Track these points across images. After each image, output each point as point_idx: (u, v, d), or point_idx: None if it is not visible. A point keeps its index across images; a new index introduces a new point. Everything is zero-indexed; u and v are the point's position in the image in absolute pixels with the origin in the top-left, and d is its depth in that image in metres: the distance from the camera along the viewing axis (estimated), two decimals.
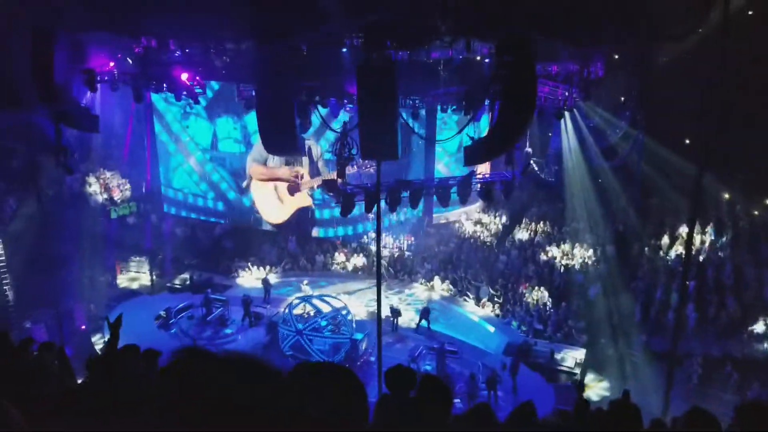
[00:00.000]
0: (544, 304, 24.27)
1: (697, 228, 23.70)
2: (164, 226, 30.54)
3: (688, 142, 32.84)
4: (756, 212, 26.19)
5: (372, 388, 16.40)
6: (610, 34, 16.80)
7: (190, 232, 30.96)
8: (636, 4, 15.98)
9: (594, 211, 29.33)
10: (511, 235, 29.72)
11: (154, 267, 28.21)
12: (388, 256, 27.99)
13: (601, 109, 23.56)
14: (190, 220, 30.78)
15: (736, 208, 26.88)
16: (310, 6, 14.43)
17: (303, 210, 28.34)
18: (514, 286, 25.76)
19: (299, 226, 28.86)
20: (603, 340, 22.57)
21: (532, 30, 14.37)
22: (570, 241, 27.93)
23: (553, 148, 26.44)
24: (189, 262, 29.26)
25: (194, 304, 24.07)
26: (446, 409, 3.79)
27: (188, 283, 27.48)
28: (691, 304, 21.87)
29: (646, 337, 21.86)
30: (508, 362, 20.03)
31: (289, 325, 21.20)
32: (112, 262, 27.63)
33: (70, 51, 17.70)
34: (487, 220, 30.91)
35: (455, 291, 26.53)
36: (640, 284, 24.54)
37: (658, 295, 23.36)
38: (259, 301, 24.76)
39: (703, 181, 15.23)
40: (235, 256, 29.27)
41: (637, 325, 22.70)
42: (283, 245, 30.28)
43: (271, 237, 30.31)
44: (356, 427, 2.02)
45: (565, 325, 23.19)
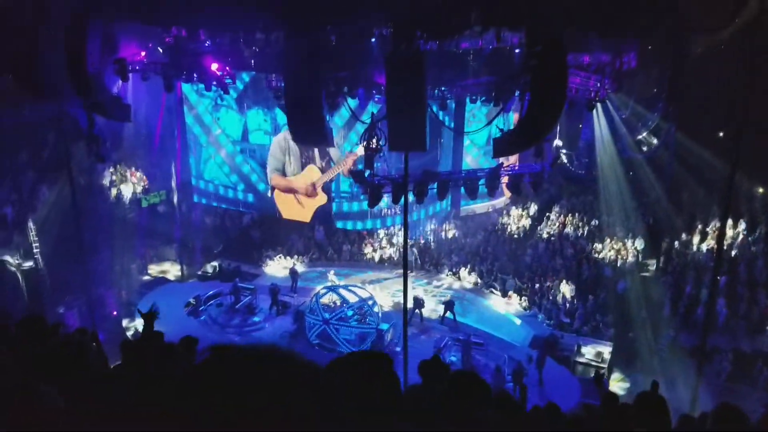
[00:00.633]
0: (571, 298, 24.10)
1: (729, 223, 23.30)
2: (194, 215, 30.94)
3: (721, 135, 32.27)
4: None
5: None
6: (642, 25, 16.53)
7: (219, 222, 31.35)
8: None
9: (624, 205, 28.99)
10: (539, 228, 29.53)
11: (184, 255, 28.60)
12: (415, 248, 28.01)
13: (633, 101, 23.19)
14: (220, 210, 31.13)
15: None
16: None
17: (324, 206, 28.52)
18: (541, 279, 25.62)
19: (324, 218, 29.03)
20: (631, 335, 22.35)
21: (564, 20, 14.21)
22: (599, 234, 27.67)
23: (584, 140, 26.14)
24: (218, 251, 29.65)
25: (223, 292, 24.37)
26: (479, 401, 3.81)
27: (217, 271, 27.84)
28: (722, 299, 21.52)
29: (675, 332, 21.58)
30: (534, 355, 19.95)
31: (315, 315, 21.36)
32: (142, 250, 28.10)
33: (103, 41, 17.94)
34: (515, 212, 30.75)
35: (482, 283, 26.46)
36: (670, 279, 24.22)
37: (688, 290, 23.03)
38: (287, 290, 24.98)
39: (735, 176, 14.98)
40: (263, 246, 29.56)
41: (666, 319, 22.43)
42: (310, 235, 30.48)
43: (299, 227, 30.51)
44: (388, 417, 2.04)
45: (592, 318, 23.01)
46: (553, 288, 24.86)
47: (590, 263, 26.04)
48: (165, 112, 29.24)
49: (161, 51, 20.76)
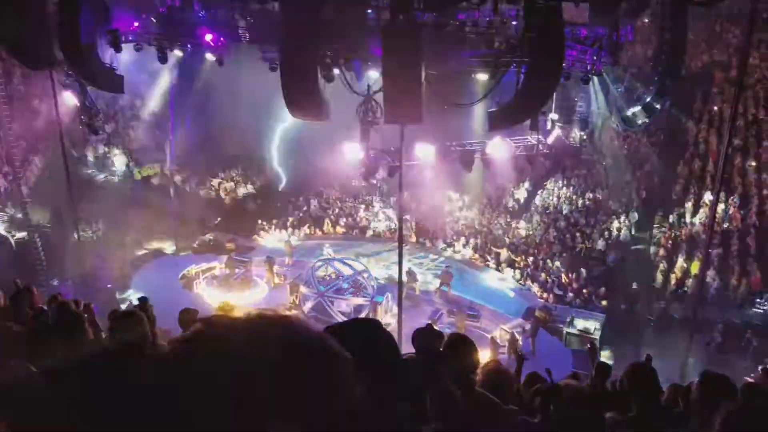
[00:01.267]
0: (564, 270, 24.30)
1: (722, 196, 23.41)
2: (189, 187, 30.86)
3: (716, 109, 32.29)
4: None
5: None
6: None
7: (214, 194, 31.30)
8: None
9: (619, 178, 29.13)
10: (534, 201, 29.65)
11: (179, 228, 28.57)
12: (409, 221, 28.09)
13: (629, 75, 23.12)
14: (215, 182, 31.08)
15: (762, 176, 26.46)
16: None
17: None
18: (535, 252, 25.80)
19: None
20: (622, 306, 22.62)
21: None
22: (594, 208, 27.81)
23: (580, 113, 26.11)
24: (212, 224, 29.64)
25: (218, 265, 24.44)
26: (473, 362, 3.91)
27: (211, 243, 27.86)
28: (713, 271, 21.74)
29: (666, 304, 21.83)
30: (528, 327, 20.19)
31: (311, 287, 21.50)
32: (136, 222, 28.05)
33: (96, 11, 17.75)
34: (510, 185, 30.82)
35: (476, 255, 26.63)
36: (662, 251, 24.42)
37: (680, 263, 23.24)
38: (282, 262, 25.08)
39: (728, 149, 15.02)
40: (258, 218, 29.57)
41: (658, 291, 22.69)
42: (306, 208, 30.51)
43: (294, 199, 30.54)
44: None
45: (585, 290, 23.24)
46: (547, 260, 25.06)
47: (584, 236, 26.22)
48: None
49: (155, 21, 20.54)
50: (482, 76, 18.47)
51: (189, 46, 20.63)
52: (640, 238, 25.98)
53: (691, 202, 26.34)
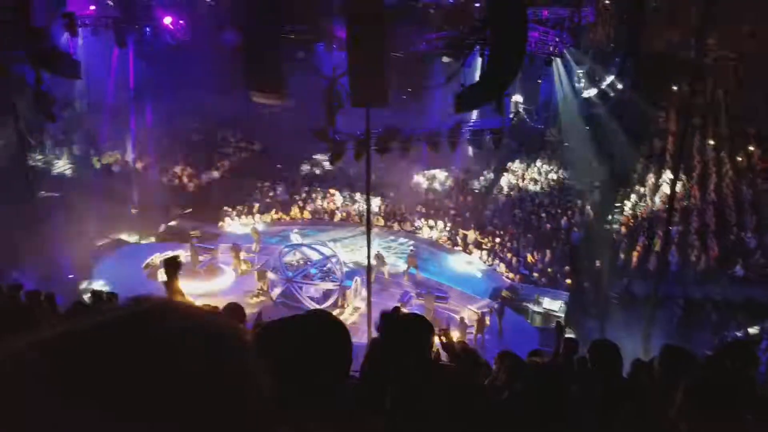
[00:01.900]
0: (530, 250, 24.62)
1: (681, 174, 23.93)
2: (150, 174, 30.34)
3: (675, 89, 32.87)
4: (739, 158, 26.45)
5: (362, 333, 16.75)
6: None
7: (177, 181, 30.83)
8: None
9: (582, 158, 29.53)
10: (500, 182, 29.91)
11: (141, 215, 28.11)
12: (378, 204, 28.10)
13: (590, 56, 23.42)
14: (177, 169, 30.61)
15: (721, 154, 27.13)
16: None
17: None
18: (501, 233, 26.07)
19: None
20: (586, 284, 23.04)
21: None
22: (558, 188, 28.17)
23: (543, 95, 26.35)
24: (176, 211, 29.21)
25: (182, 253, 24.10)
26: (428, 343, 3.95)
27: (176, 231, 27.45)
28: (674, 248, 22.25)
29: (629, 281, 22.30)
30: (495, 306, 20.44)
31: (279, 273, 21.38)
32: (98, 212, 27.50)
33: None
34: (476, 167, 31.03)
35: (444, 237, 26.79)
36: (624, 229, 24.89)
37: (641, 240, 23.72)
38: (249, 249, 24.87)
39: (687, 128, 15.34)
40: (223, 205, 29.24)
41: (620, 269, 23.15)
42: (272, 193, 30.27)
43: (260, 185, 30.29)
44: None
45: (549, 269, 23.59)
46: (513, 241, 25.37)
47: (548, 216, 26.58)
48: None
49: (112, 4, 20.05)
50: (447, 59, 18.49)
51: (148, 29, 20.20)
52: (603, 217, 26.45)
53: (652, 181, 26.89)
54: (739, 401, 2.54)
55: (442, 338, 5.63)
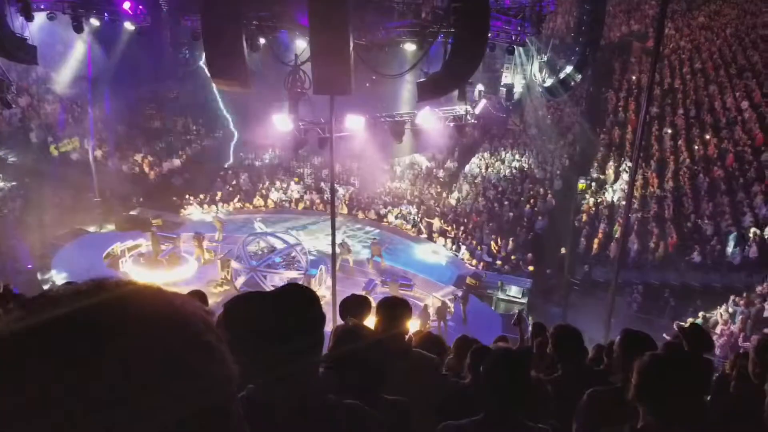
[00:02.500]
0: (493, 238, 24.89)
1: (640, 162, 24.38)
2: (110, 163, 29.73)
3: (634, 78, 33.45)
4: (696, 146, 27.06)
5: (327, 321, 16.73)
6: None
7: (138, 169, 30.27)
8: None
9: (544, 146, 29.89)
10: (463, 171, 30.11)
11: (101, 204, 27.56)
12: (342, 192, 28.04)
13: (551, 45, 23.62)
14: (138, 157, 30.04)
15: (678, 142, 27.71)
16: None
17: None
18: (465, 221, 26.28)
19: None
20: (548, 271, 23.42)
21: None
22: (520, 176, 28.47)
23: (504, 84, 26.53)
24: (137, 200, 28.71)
25: (144, 242, 23.74)
26: (403, 320, 3.98)
27: (137, 220, 26.99)
28: (633, 235, 22.72)
29: (589, 268, 22.72)
30: (459, 293, 20.63)
31: (242, 262, 21.21)
32: (56, 200, 26.86)
33: None
34: (440, 156, 31.16)
35: (408, 226, 26.90)
36: (585, 216, 25.31)
37: (602, 227, 24.16)
38: (212, 238, 24.61)
39: (646, 117, 15.62)
40: (185, 193, 28.84)
41: (581, 256, 23.57)
42: (235, 182, 29.95)
43: (223, 173, 29.93)
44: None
45: (513, 257, 23.89)
46: (477, 228, 25.60)
47: (511, 204, 26.88)
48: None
49: None
50: (410, 47, 18.46)
51: (106, 14, 19.66)
52: (565, 204, 26.85)
53: (612, 169, 27.37)
54: (692, 379, 2.61)
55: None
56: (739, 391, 4.30)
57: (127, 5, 19.05)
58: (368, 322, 4.35)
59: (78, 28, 19.84)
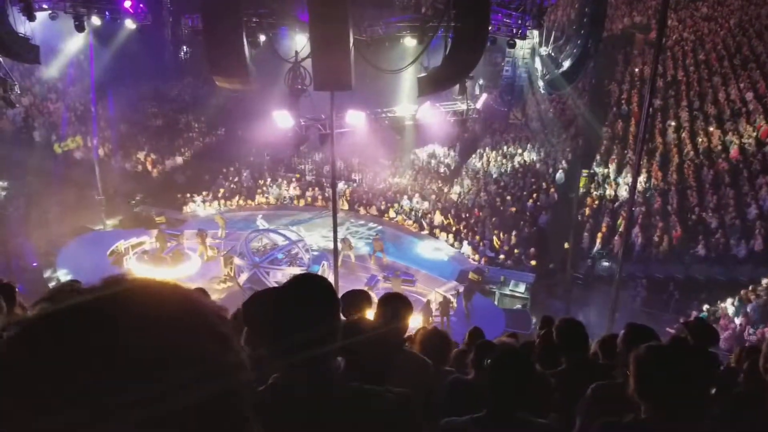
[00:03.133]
0: (495, 232, 24.83)
1: (644, 155, 24.28)
2: (113, 161, 29.77)
3: (637, 71, 33.31)
4: (700, 139, 26.94)
5: None
6: None
7: (141, 167, 30.31)
8: None
9: (546, 140, 29.81)
10: (465, 165, 30.05)
11: (105, 202, 27.60)
12: (343, 188, 28.02)
13: (552, 38, 23.56)
14: (140, 155, 30.08)
15: (682, 135, 27.59)
16: None
17: None
18: (466, 215, 26.23)
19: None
20: (551, 266, 23.36)
21: None
22: (522, 170, 28.40)
23: (506, 77, 26.46)
24: (140, 197, 28.75)
25: (148, 240, 23.78)
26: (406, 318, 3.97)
27: (140, 218, 27.03)
28: (637, 229, 22.65)
29: (593, 262, 22.66)
30: (461, 289, 20.60)
31: (245, 259, 21.22)
32: (61, 199, 26.91)
33: None
34: (441, 151, 31.10)
35: (410, 221, 26.86)
36: (588, 210, 25.24)
37: (605, 221, 24.08)
38: (215, 235, 24.63)
39: (649, 110, 15.54)
40: (188, 191, 28.86)
41: (584, 250, 23.50)
42: (237, 178, 29.96)
43: (225, 170, 29.93)
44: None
45: (515, 251, 23.84)
46: (479, 223, 25.55)
47: (513, 199, 26.81)
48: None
49: None
50: (411, 42, 18.42)
51: (107, 12, 19.64)
52: (568, 198, 26.78)
53: (615, 163, 27.27)
54: (691, 371, 2.59)
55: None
56: (749, 387, 4.27)
57: (128, 3, 19.07)
58: (369, 317, 4.35)
59: (79, 27, 19.85)
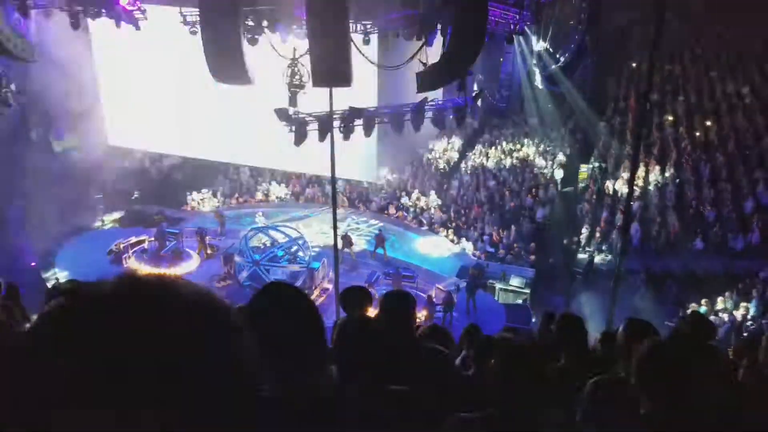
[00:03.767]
0: (495, 228, 24.86)
1: (641, 150, 24.31)
2: (112, 159, 29.71)
3: (634, 66, 33.32)
4: (697, 133, 27.00)
5: (330, 314, 16.75)
6: None
7: (139, 165, 30.27)
8: None
9: (544, 135, 29.82)
10: (464, 161, 30.04)
11: (103, 201, 27.60)
12: (342, 186, 28.01)
13: (551, 33, 23.53)
14: (139, 153, 30.02)
15: (679, 129, 27.64)
16: None
17: None
18: (466, 211, 26.25)
19: None
20: (551, 260, 23.39)
21: None
22: (520, 166, 28.42)
23: (504, 73, 26.46)
24: (139, 196, 28.73)
25: (147, 238, 23.78)
26: (408, 319, 3.97)
27: (140, 216, 27.03)
28: (635, 223, 22.68)
29: (592, 256, 22.70)
30: (462, 284, 20.63)
31: (245, 256, 21.24)
32: (59, 198, 26.87)
33: None
34: (440, 147, 31.08)
35: (410, 217, 26.88)
36: (586, 205, 25.27)
37: (604, 215, 24.12)
38: (214, 233, 24.63)
39: (647, 104, 15.57)
40: (187, 188, 28.86)
41: (583, 245, 23.54)
42: (236, 176, 29.94)
43: (224, 168, 29.91)
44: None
45: (515, 247, 23.87)
46: (478, 219, 25.58)
47: (512, 194, 26.83)
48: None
49: None
50: (409, 38, 18.39)
51: (103, 9, 19.58)
52: (566, 193, 26.82)
53: (614, 157, 27.31)
54: (693, 367, 2.61)
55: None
56: (749, 380, 4.30)
57: (124, 1, 19.00)
58: (370, 314, 4.36)
59: (75, 25, 19.80)
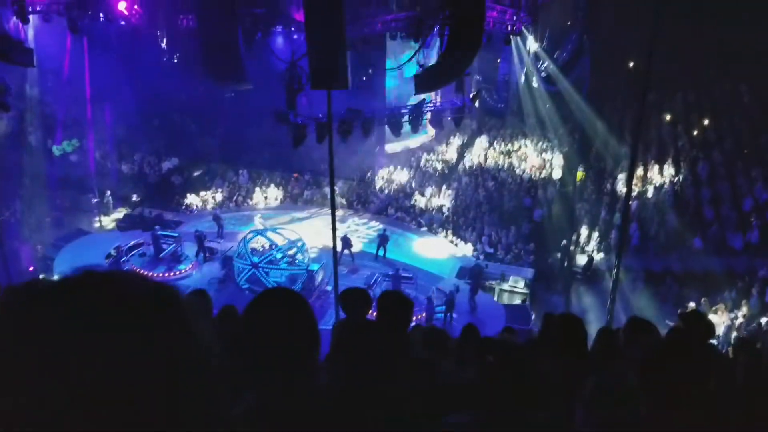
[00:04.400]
0: (494, 228, 24.85)
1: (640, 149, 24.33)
2: (109, 163, 29.72)
3: (632, 65, 33.32)
4: (695, 132, 27.01)
5: (330, 317, 16.75)
6: None
7: (137, 169, 30.26)
8: None
9: (542, 136, 29.83)
10: (462, 162, 30.06)
11: (101, 205, 27.56)
12: (342, 187, 28.01)
13: (548, 34, 23.60)
14: (137, 157, 30.04)
15: (677, 128, 27.65)
16: None
17: None
18: (465, 212, 26.24)
19: None
20: (550, 260, 23.39)
21: None
22: (518, 165, 28.43)
23: (502, 74, 26.49)
24: (136, 199, 28.69)
25: (145, 242, 23.74)
26: (406, 321, 3.97)
27: (138, 220, 26.98)
28: (635, 223, 22.69)
29: (591, 256, 22.70)
30: (461, 285, 20.63)
31: (244, 259, 21.20)
32: (57, 201, 26.87)
33: None
34: (440, 148, 31.11)
35: (409, 218, 26.87)
36: (586, 205, 25.28)
37: (603, 215, 24.12)
38: (213, 236, 24.58)
39: (644, 103, 15.54)
40: (185, 192, 28.83)
41: (582, 244, 23.54)
42: (235, 179, 29.94)
43: (223, 171, 29.92)
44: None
45: (514, 247, 23.86)
46: (477, 220, 25.58)
47: (511, 194, 26.84)
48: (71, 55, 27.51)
49: None
50: (407, 40, 18.43)
51: (102, 14, 19.58)
52: (565, 193, 26.82)
53: (612, 157, 27.31)
54: (693, 366, 2.62)
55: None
56: (748, 379, 4.30)
57: (122, 5, 18.99)
58: (368, 316, 4.37)
59: (73, 29, 19.79)
